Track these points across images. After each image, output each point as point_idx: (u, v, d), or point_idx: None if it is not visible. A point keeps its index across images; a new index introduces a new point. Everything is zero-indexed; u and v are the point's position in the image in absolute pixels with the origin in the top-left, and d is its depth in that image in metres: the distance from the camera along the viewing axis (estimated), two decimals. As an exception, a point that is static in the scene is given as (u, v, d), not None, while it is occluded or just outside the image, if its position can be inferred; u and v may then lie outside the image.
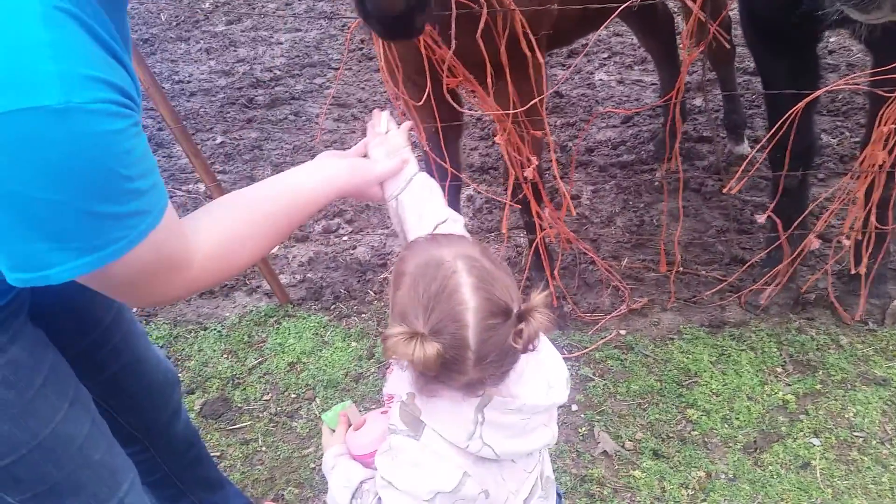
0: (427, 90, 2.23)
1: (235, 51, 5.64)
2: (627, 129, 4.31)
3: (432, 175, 2.66)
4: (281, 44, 5.72)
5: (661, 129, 4.08)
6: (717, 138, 3.95)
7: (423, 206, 1.44)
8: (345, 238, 3.55)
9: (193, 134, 4.54)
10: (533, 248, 2.76)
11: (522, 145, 2.41)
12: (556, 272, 2.80)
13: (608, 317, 2.88)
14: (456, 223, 1.46)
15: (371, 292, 3.18)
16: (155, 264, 1.05)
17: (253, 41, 5.78)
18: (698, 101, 4.37)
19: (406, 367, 1.19)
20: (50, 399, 1.28)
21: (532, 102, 2.27)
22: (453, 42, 2.04)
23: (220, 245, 1.17)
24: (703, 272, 3.12)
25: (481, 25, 2.03)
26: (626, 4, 2.02)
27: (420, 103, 2.30)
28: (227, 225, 1.19)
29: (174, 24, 6.24)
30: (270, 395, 2.72)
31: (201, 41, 5.86)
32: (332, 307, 3.09)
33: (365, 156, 1.48)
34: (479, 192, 3.53)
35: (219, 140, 4.46)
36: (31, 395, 1.24)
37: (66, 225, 0.93)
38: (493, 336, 1.13)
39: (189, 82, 5.23)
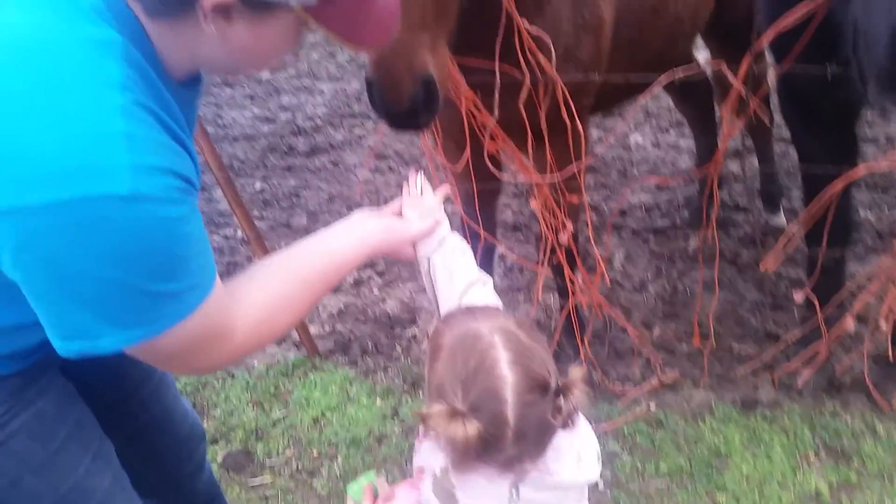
0: (466, 155, 2.26)
1: (279, 98, 5.77)
2: (662, 193, 4.30)
3: (466, 236, 2.73)
4: (323, 93, 5.85)
5: (696, 195, 4.07)
6: (753, 208, 3.92)
7: (453, 267, 1.45)
8: (375, 291, 3.56)
9: (236, 178, 4.64)
10: (564, 314, 2.74)
11: (558, 210, 2.42)
12: (585, 339, 2.78)
13: (639, 389, 2.84)
14: (486, 285, 1.48)
15: (399, 348, 3.18)
16: (201, 335, 1.09)
17: (296, 89, 5.91)
18: (734, 168, 4.36)
19: (443, 443, 1.19)
20: (73, 452, 1.30)
21: (572, 171, 2.28)
22: (496, 110, 2.07)
23: (262, 313, 1.20)
24: (737, 347, 3.07)
25: (523, 94, 2.06)
26: (668, 78, 2.03)
27: (458, 168, 2.33)
28: (268, 292, 1.22)
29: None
30: (293, 450, 2.71)
31: (246, 87, 6.01)
32: (359, 361, 3.09)
33: (399, 215, 1.49)
34: (510, 254, 3.53)
35: (258, 186, 4.54)
36: (55, 447, 1.27)
37: (120, 301, 0.99)
38: (532, 412, 1.13)
39: (232, 127, 5.35)
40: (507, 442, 1.13)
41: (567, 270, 2.57)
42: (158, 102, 1.02)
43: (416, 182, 1.52)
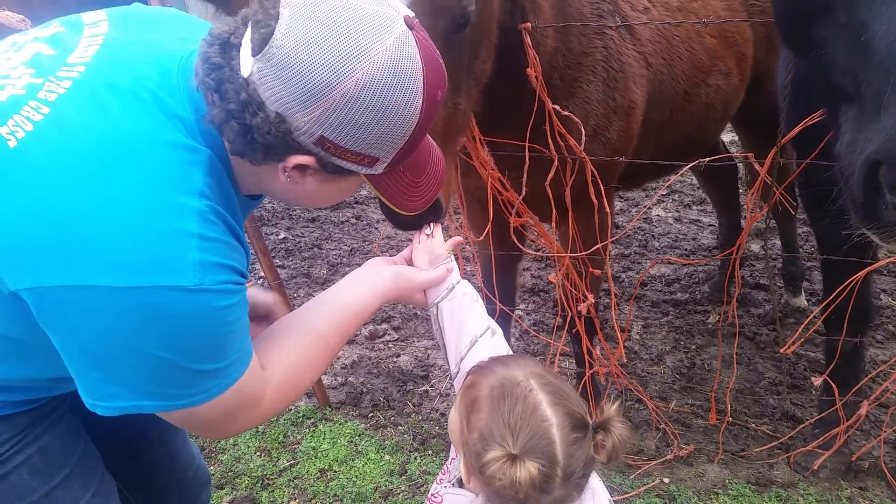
0: (487, 229, 2.29)
1: (308, 152, 5.90)
2: (683, 267, 4.30)
3: (484, 300, 2.73)
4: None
5: (717, 271, 4.07)
6: (773, 287, 3.91)
7: (462, 315, 1.48)
8: (390, 344, 3.56)
9: (261, 227, 4.71)
10: (581, 383, 2.72)
11: (580, 281, 2.43)
12: (601, 407, 2.74)
13: (652, 463, 2.78)
14: (495, 335, 1.50)
15: (410, 404, 3.16)
16: (235, 405, 1.19)
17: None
18: (756, 247, 4.36)
19: (486, 492, 1.23)
20: (73, 489, 1.33)
21: (596, 247, 2.29)
22: (524, 188, 2.10)
23: (286, 376, 1.28)
24: (753, 425, 3.01)
25: (551, 174, 2.10)
26: (694, 163, 2.07)
27: (480, 238, 2.36)
28: (290, 353, 1.30)
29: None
30: (298, 500, 2.67)
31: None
32: (370, 415, 3.07)
33: (410, 262, 1.53)
34: (521, 322, 3.53)
35: (282, 236, 4.61)
36: (55, 483, 1.29)
37: (171, 379, 1.10)
38: (578, 450, 1.17)
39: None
40: (555, 483, 1.16)
41: (585, 341, 2.56)
42: (228, 207, 1.14)
43: (429, 230, 1.56)
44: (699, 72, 2.48)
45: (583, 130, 2.05)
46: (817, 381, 2.49)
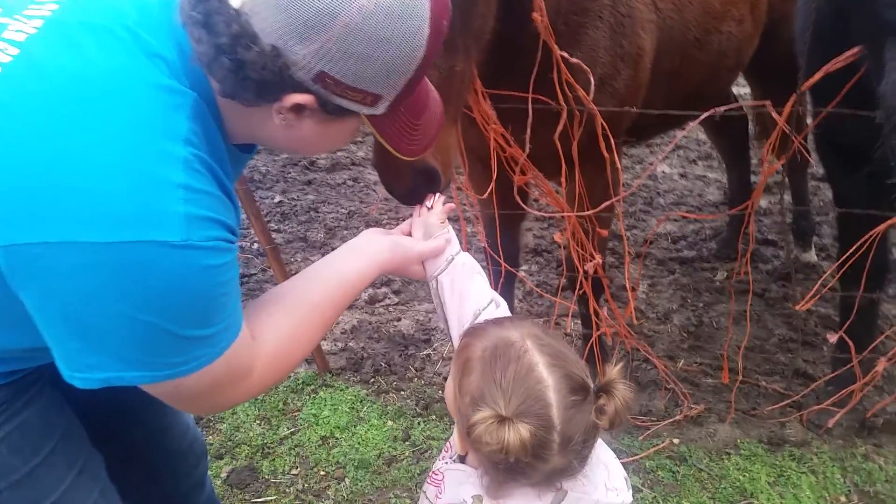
0: (490, 188, 2.18)
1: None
2: (688, 224, 4.20)
3: (488, 259, 2.65)
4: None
5: (724, 227, 3.98)
6: (783, 243, 3.82)
7: (463, 287, 1.40)
8: (391, 308, 3.48)
9: (255, 191, 4.60)
10: (588, 344, 2.64)
11: (587, 241, 2.33)
12: (607, 368, 2.67)
13: (662, 423, 2.72)
14: (499, 307, 1.43)
15: (412, 368, 3.09)
16: (224, 377, 1.10)
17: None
18: (765, 203, 4.26)
19: (480, 460, 1.16)
20: (56, 468, 1.24)
21: (605, 204, 2.19)
22: (528, 146, 1.99)
23: (278, 348, 1.20)
24: (764, 383, 2.95)
25: (560, 126, 1.98)
26: (708, 113, 1.95)
27: (483, 197, 2.26)
28: (282, 324, 1.21)
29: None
30: (299, 469, 2.62)
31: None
32: (371, 380, 3.00)
33: (409, 234, 1.46)
34: (527, 281, 3.44)
35: (277, 199, 4.50)
36: (37, 462, 1.21)
37: (156, 346, 1.00)
38: (577, 414, 1.10)
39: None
40: (553, 450, 1.09)
41: (592, 302, 2.47)
42: (215, 157, 1.05)
43: (430, 202, 1.48)
44: (711, 18, 2.35)
45: (592, 79, 1.93)
46: (832, 337, 2.41)
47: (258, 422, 2.83)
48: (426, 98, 1.17)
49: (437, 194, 1.49)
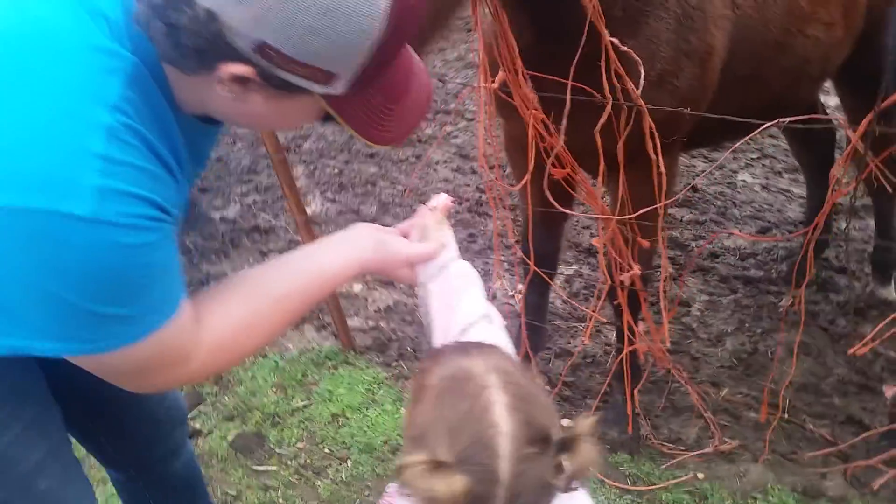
0: (525, 180, 2.04)
1: (380, 83, 5.68)
2: (761, 241, 3.92)
3: (529, 257, 2.50)
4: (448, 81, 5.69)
5: (799, 248, 3.68)
6: (861, 274, 3.50)
7: (453, 299, 1.28)
8: (429, 294, 3.38)
9: (318, 158, 4.58)
10: (618, 359, 2.47)
11: (626, 249, 2.15)
12: (637, 389, 2.50)
13: (688, 454, 2.53)
14: (492, 322, 1.29)
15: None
16: (154, 359, 1.04)
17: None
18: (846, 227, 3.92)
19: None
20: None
21: (642, 210, 2.00)
22: (562, 135, 1.84)
23: (225, 337, 1.12)
24: (811, 426, 2.70)
25: (602, 119, 1.82)
26: (771, 123, 1.74)
27: (516, 188, 2.12)
28: (235, 312, 1.14)
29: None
30: (305, 443, 2.57)
31: (351, 68, 5.96)
32: (393, 364, 2.93)
33: (407, 234, 1.35)
34: (573, 279, 3.27)
35: (337, 169, 4.46)
36: None
37: (66, 319, 0.94)
38: (530, 469, 0.94)
39: (328, 106, 5.30)
40: None
41: (626, 315, 2.29)
42: (157, 128, 0.98)
43: (434, 200, 1.36)
44: (795, 19, 2.11)
45: (642, 72, 1.75)
46: (889, 390, 2.16)
47: (274, 389, 2.80)
48: (407, 82, 1.04)
49: (444, 196, 1.37)
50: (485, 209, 4.00)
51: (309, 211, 4.03)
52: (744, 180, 4.46)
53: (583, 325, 3.22)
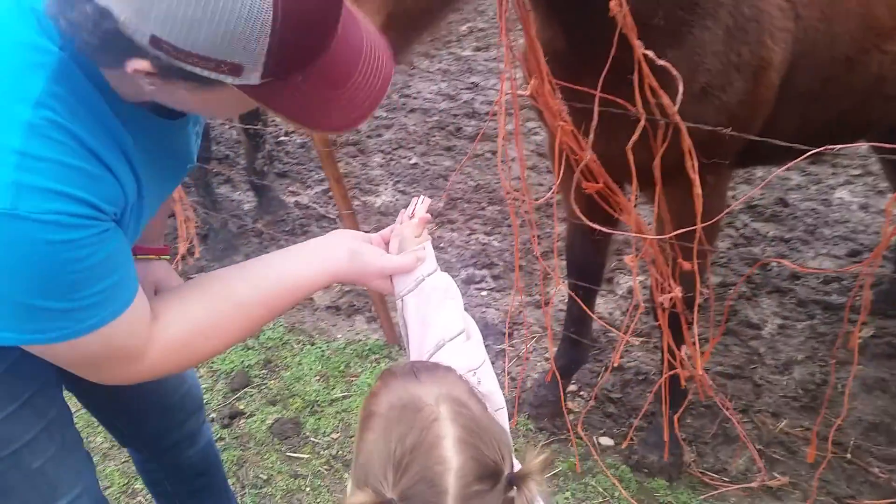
0: (553, 191, 1.97)
1: (469, 77, 5.67)
2: (851, 263, 3.63)
3: (573, 270, 2.42)
4: (516, 79, 5.64)
5: (890, 275, 3.40)
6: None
7: (429, 313, 1.24)
8: (483, 293, 3.35)
9: (396, 149, 4.62)
10: (658, 384, 2.36)
11: (666, 268, 2.05)
12: (677, 415, 2.38)
13: (732, 487, 2.39)
14: (470, 338, 1.25)
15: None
16: (102, 354, 1.06)
17: (489, 71, 5.77)
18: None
19: None
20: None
21: (676, 232, 1.89)
22: (588, 149, 1.76)
23: (180, 338, 1.13)
24: (877, 470, 2.49)
25: (635, 136, 1.73)
26: (821, 149, 1.60)
27: (540, 202, 2.04)
28: (194, 314, 1.15)
29: (427, 40, 6.43)
30: (339, 434, 2.61)
31: (444, 61, 5.98)
32: (437, 365, 2.91)
33: (387, 243, 1.33)
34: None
35: (413, 161, 4.49)
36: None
37: (9, 311, 0.97)
38: None
39: (415, 98, 5.34)
40: None
41: (667, 338, 2.18)
42: (92, 124, 0.98)
43: (412, 205, 1.33)
44: (872, 34, 1.92)
45: (681, 87, 1.64)
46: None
47: (318, 378, 2.86)
48: (350, 67, 0.99)
49: (422, 198, 1.34)
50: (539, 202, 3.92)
51: (378, 201, 4.09)
52: (841, 198, 4.16)
53: (638, 339, 3.11)
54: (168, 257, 1.52)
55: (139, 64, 0.89)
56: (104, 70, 0.97)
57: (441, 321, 1.23)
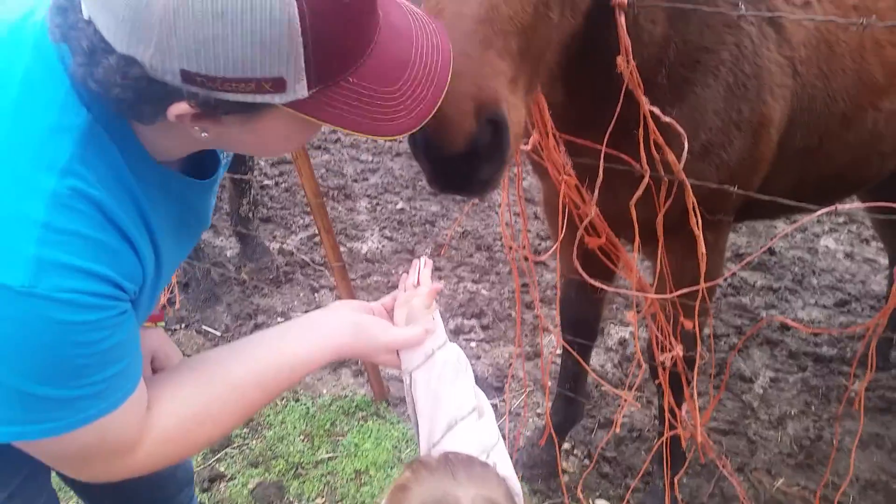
0: (555, 247, 1.92)
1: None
2: (840, 313, 3.62)
3: (568, 325, 2.36)
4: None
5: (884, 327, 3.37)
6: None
7: (441, 389, 1.17)
8: (473, 344, 3.28)
9: (382, 194, 4.57)
10: (658, 444, 2.29)
11: (666, 326, 1.99)
12: (678, 477, 2.31)
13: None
14: (482, 416, 1.20)
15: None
16: (95, 448, 0.98)
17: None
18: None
19: None
20: None
21: (679, 292, 1.84)
22: (592, 206, 1.72)
23: (173, 428, 1.05)
24: (876, 531, 2.44)
25: (639, 192, 1.69)
26: (826, 209, 1.56)
27: (543, 257, 2.01)
28: (188, 400, 1.06)
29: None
30: (325, 499, 2.50)
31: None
32: (426, 421, 2.82)
33: (391, 312, 1.26)
34: (615, 350, 3.09)
35: (399, 206, 4.44)
36: None
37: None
38: None
39: (401, 142, 5.30)
40: None
41: (668, 397, 2.12)
42: (118, 191, 0.91)
43: (414, 271, 1.26)
44: (869, 91, 1.91)
45: (685, 144, 1.61)
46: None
47: (302, 437, 2.75)
48: (402, 55, 0.90)
49: (424, 261, 1.27)
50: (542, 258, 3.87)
51: (365, 248, 4.02)
52: (826, 246, 4.17)
53: (633, 393, 3.04)
54: (164, 324, 1.44)
55: (180, 108, 0.83)
56: (146, 126, 0.90)
57: (453, 398, 1.17)
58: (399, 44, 0.89)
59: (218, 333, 3.35)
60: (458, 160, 1.15)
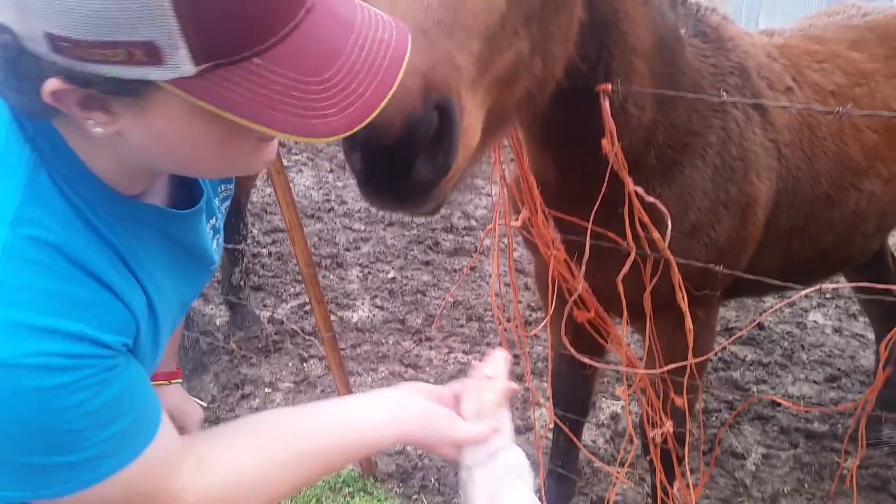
0: (546, 321, 1.94)
1: (445, 192, 5.74)
2: (830, 389, 3.62)
3: (560, 400, 2.35)
4: (490, 196, 5.74)
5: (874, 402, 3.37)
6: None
7: (500, 493, 1.13)
8: (464, 419, 3.24)
9: (374, 263, 4.60)
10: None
11: (657, 402, 1.99)
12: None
13: None
14: None
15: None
16: (124, 501, 0.91)
17: (465, 187, 5.85)
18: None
19: None
20: None
21: (668, 368, 1.85)
22: (580, 281, 1.74)
23: (222, 488, 0.98)
24: None
25: (625, 270, 1.72)
26: (813, 288, 1.60)
27: (535, 331, 2.02)
28: (242, 462, 1.00)
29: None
30: (308, 579, 2.43)
31: (419, 175, 6.07)
32: (414, 497, 2.77)
33: (458, 400, 1.19)
34: (606, 426, 3.06)
35: (391, 275, 4.45)
36: None
37: (4, 469, 0.83)
38: None
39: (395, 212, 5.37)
40: None
41: (660, 474, 2.10)
42: (83, 231, 0.84)
43: (492, 363, 1.19)
44: (849, 173, 1.98)
45: (669, 224, 1.65)
46: None
47: (287, 513, 2.68)
48: (326, 42, 0.76)
49: (503, 354, 1.20)
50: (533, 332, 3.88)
51: (355, 317, 4.02)
52: (815, 321, 4.20)
53: (625, 470, 3.00)
54: (181, 381, 1.38)
55: (52, 84, 0.72)
56: (67, 136, 0.82)
57: (513, 500, 1.12)
58: (333, 30, 0.76)
59: (205, 404, 3.30)
60: (393, 148, 1.00)
